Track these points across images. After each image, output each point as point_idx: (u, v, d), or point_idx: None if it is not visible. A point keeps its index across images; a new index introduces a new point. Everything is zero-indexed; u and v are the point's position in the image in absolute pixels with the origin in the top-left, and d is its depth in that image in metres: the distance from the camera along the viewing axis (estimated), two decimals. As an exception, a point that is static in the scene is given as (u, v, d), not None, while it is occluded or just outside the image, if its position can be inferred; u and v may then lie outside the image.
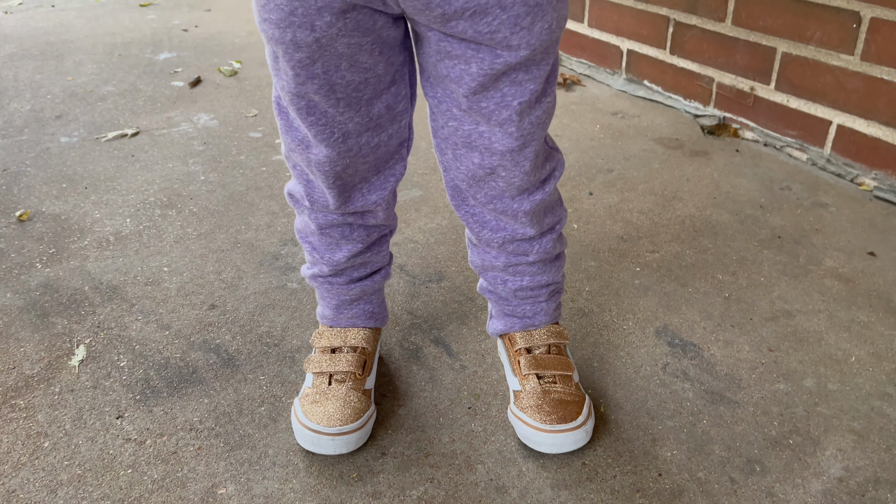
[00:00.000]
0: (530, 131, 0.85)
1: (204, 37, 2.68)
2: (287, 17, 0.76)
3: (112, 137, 1.87)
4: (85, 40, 2.63)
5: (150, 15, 2.95)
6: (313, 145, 0.87)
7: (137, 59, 2.44)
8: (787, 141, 1.74)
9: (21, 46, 2.56)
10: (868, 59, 1.53)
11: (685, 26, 1.90)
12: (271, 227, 1.49)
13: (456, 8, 0.76)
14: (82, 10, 3.03)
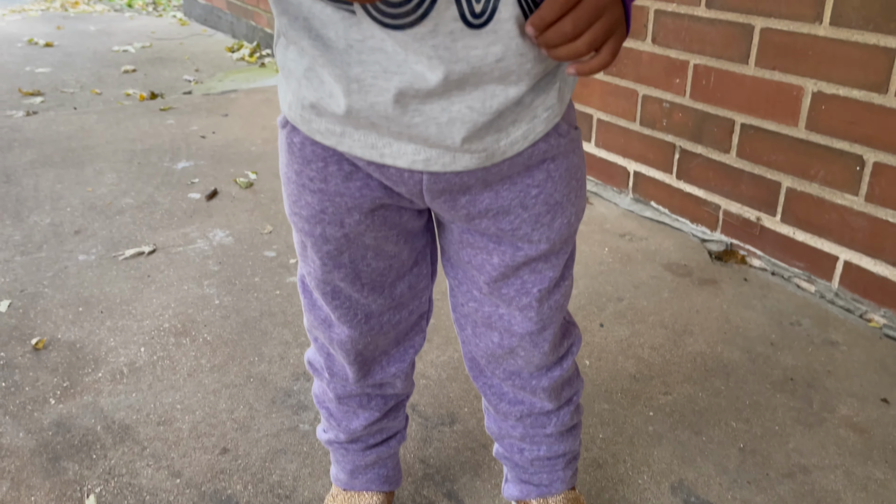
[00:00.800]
0: (549, 315, 0.87)
1: (221, 144, 2.75)
2: (317, 214, 0.79)
3: (129, 256, 1.91)
4: (106, 146, 2.71)
5: (169, 119, 3.04)
6: (336, 325, 0.89)
7: (156, 167, 2.51)
8: (794, 272, 1.77)
9: (42, 152, 2.63)
10: (872, 200, 1.56)
11: (691, 154, 1.95)
12: (284, 360, 1.50)
13: (480, 209, 0.79)
14: (104, 114, 3.12)
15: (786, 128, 1.70)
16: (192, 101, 3.33)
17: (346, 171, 0.76)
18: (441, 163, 0.72)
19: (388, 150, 0.72)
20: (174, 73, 4.07)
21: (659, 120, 2.02)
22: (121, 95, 3.56)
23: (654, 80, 1.99)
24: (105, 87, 3.74)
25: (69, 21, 5.93)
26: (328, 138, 0.74)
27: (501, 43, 0.68)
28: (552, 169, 0.80)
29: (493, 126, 0.72)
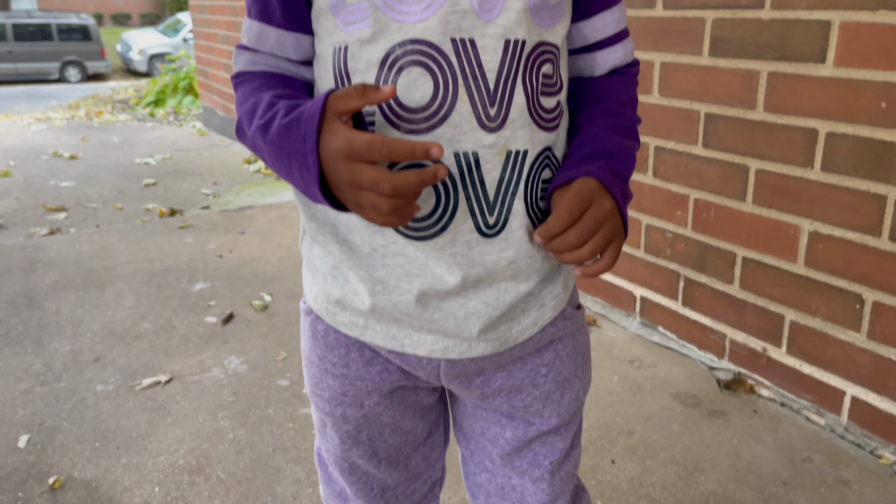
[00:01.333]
0: (561, 485, 0.90)
1: (237, 263, 2.84)
2: (338, 396, 0.84)
3: (146, 385, 1.94)
4: (126, 267, 2.79)
5: (187, 238, 3.14)
6: (352, 499, 0.92)
7: (174, 289, 2.58)
8: (803, 404, 1.78)
9: (65, 274, 2.72)
10: (875, 337, 1.60)
11: (695, 283, 2.01)
12: (297, 500, 1.50)
13: (493, 388, 0.83)
14: (125, 232, 3.23)
15: (786, 263, 1.75)
16: (210, 218, 3.45)
17: (367, 356, 0.82)
18: (458, 351, 0.78)
19: (409, 341, 0.78)
20: (193, 185, 4.23)
21: (663, 249, 2.08)
22: (141, 211, 3.69)
23: (657, 211, 2.07)
24: (126, 201, 3.88)
25: (93, 131, 6.19)
26: (352, 330, 0.80)
27: (513, 248, 0.75)
28: (560, 349, 0.85)
29: (506, 316, 0.78)
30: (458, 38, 0.70)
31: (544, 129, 0.76)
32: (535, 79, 0.74)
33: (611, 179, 0.75)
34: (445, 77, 0.70)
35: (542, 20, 0.74)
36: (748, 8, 1.71)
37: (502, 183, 0.73)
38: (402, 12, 0.70)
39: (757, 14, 1.69)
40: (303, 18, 0.77)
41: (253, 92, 0.77)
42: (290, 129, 0.68)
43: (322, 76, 0.77)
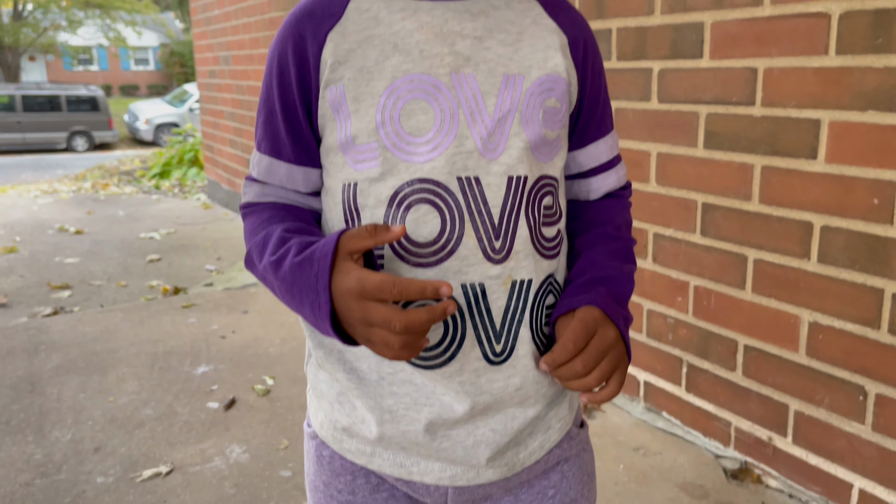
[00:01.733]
0: None
1: (240, 345, 2.84)
2: None
3: (147, 477, 1.92)
4: (129, 349, 2.80)
5: (191, 318, 3.16)
6: None
7: (177, 373, 2.58)
8: (812, 496, 1.76)
9: (68, 357, 2.72)
10: (879, 430, 1.59)
11: (698, 369, 2.01)
12: None
13: None
14: (129, 312, 3.24)
15: (787, 353, 1.76)
16: (213, 297, 3.47)
17: (374, 483, 0.82)
18: (466, 478, 0.78)
19: (417, 469, 0.78)
20: (197, 261, 4.26)
21: (665, 334, 2.09)
22: (145, 288, 3.71)
23: (658, 297, 2.09)
24: (131, 278, 3.90)
25: (99, 205, 6.27)
26: (359, 458, 0.80)
27: (520, 375, 0.76)
28: (566, 469, 0.86)
29: (514, 441, 0.79)
30: (464, 177, 0.73)
31: (546, 257, 0.79)
32: (536, 211, 0.77)
33: (613, 307, 0.77)
34: (452, 213, 0.73)
35: (542, 155, 0.78)
36: (740, 104, 1.77)
37: (508, 311, 0.75)
38: (410, 153, 0.73)
39: (748, 111, 1.75)
40: (312, 153, 0.80)
41: (263, 224, 0.79)
42: (302, 267, 0.70)
43: (331, 208, 0.80)
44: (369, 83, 0.73)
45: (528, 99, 0.75)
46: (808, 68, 1.61)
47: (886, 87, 1.48)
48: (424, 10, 0.74)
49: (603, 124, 0.86)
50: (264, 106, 0.80)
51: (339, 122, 0.75)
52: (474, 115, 0.73)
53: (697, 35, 1.85)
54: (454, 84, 0.73)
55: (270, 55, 0.78)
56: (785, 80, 1.66)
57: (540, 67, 0.76)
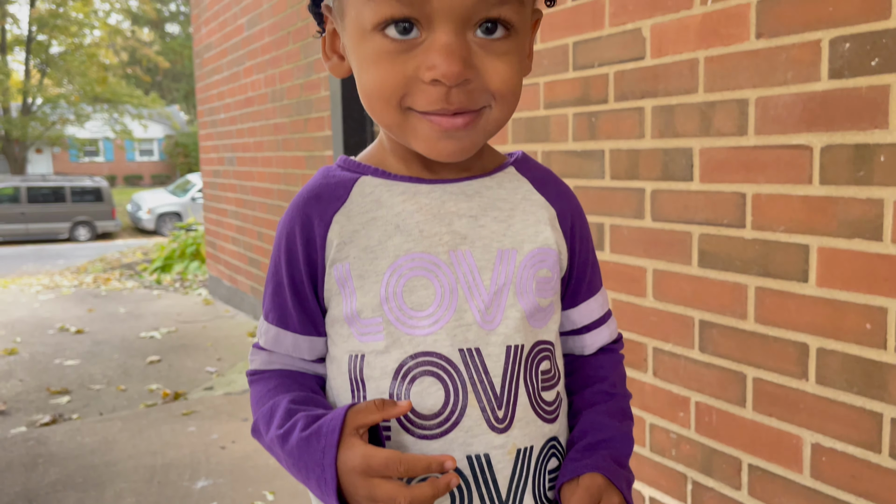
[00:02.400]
0: None
1: (240, 456, 2.81)
2: None
3: None
4: (127, 462, 2.76)
5: (190, 426, 3.13)
6: None
7: (175, 487, 2.54)
8: None
9: (65, 471, 2.69)
10: (889, 557, 1.57)
11: (703, 487, 1.99)
12: None
13: None
14: (128, 420, 3.22)
15: (792, 473, 1.76)
16: (214, 402, 3.45)
17: None
18: None
19: None
20: (197, 362, 4.26)
21: (668, 449, 2.09)
22: (145, 393, 3.70)
23: (660, 411, 2.10)
24: (130, 381, 3.89)
25: (100, 301, 6.30)
26: None
27: None
28: None
29: None
30: (466, 349, 0.77)
31: (547, 421, 0.81)
32: (535, 377, 0.81)
33: (616, 472, 0.80)
34: (455, 385, 0.76)
35: (537, 322, 0.82)
36: (731, 226, 1.83)
37: (513, 481, 0.78)
38: (413, 326, 0.77)
39: (739, 233, 1.81)
40: (317, 324, 0.84)
41: (269, 393, 0.82)
42: (309, 442, 0.73)
43: (336, 377, 0.83)
44: (373, 262, 0.78)
45: (521, 271, 0.80)
46: (794, 196, 1.68)
47: (870, 216, 1.53)
48: (423, 193, 0.80)
49: (593, 284, 0.91)
50: (272, 279, 0.84)
51: (344, 297, 0.79)
52: (472, 290, 0.77)
53: (687, 159, 1.93)
54: (452, 261, 0.78)
55: (279, 232, 0.83)
56: (773, 205, 1.73)
57: (531, 241, 0.81)
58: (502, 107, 0.75)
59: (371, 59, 0.72)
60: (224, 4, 5.35)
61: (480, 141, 0.76)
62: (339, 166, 0.84)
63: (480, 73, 0.72)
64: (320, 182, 0.82)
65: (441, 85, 0.70)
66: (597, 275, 0.92)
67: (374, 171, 0.82)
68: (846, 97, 1.55)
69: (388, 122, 0.75)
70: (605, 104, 2.16)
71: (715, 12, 1.80)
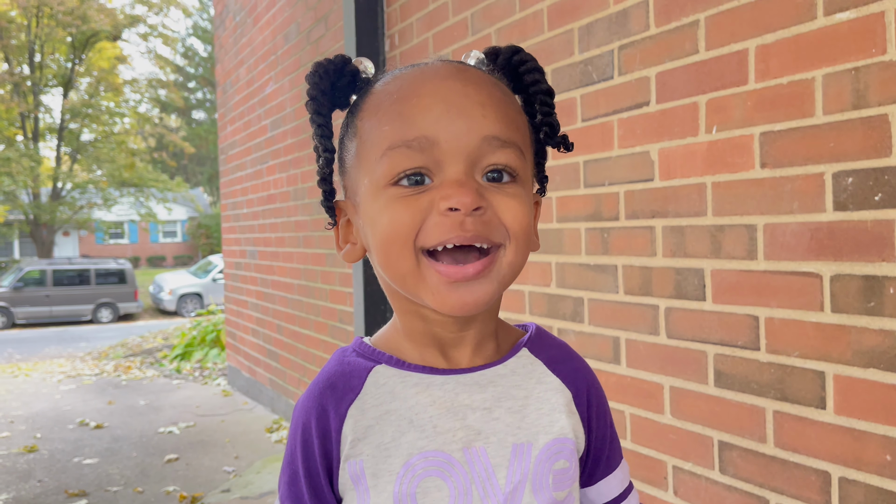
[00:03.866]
0: None
1: (256, 568, 2.77)
2: None
3: None
4: (142, 575, 2.73)
5: (206, 534, 3.10)
6: None
7: None
8: None
9: (81, 586, 2.66)
10: None
11: None
12: None
13: None
14: (144, 528, 3.19)
15: None
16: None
17: None
18: None
19: None
20: (215, 461, 4.24)
21: (692, 572, 2.03)
22: (162, 495, 3.67)
23: (682, 532, 2.05)
24: (148, 483, 3.87)
25: (121, 392, 6.33)
26: None
27: None
28: None
29: None
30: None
31: None
32: None
33: None
34: None
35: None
36: (745, 348, 1.84)
37: None
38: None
39: (754, 355, 1.82)
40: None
41: None
42: None
43: None
44: (387, 460, 0.78)
45: (537, 466, 0.80)
46: (807, 322, 1.69)
47: (884, 347, 1.54)
48: (437, 385, 0.81)
49: (611, 460, 0.91)
50: (288, 468, 0.84)
51: (358, 495, 0.80)
52: (487, 491, 0.78)
53: (699, 279, 1.96)
54: (467, 459, 0.78)
55: (295, 420, 0.84)
56: (786, 330, 1.74)
57: (547, 432, 0.82)
58: (516, 248, 0.76)
59: (385, 205, 0.74)
60: (249, 106, 5.57)
61: (494, 292, 0.76)
62: (355, 351, 0.86)
63: (493, 207, 0.74)
64: (336, 370, 0.84)
65: (456, 214, 0.72)
66: (616, 450, 0.91)
67: (389, 360, 0.83)
68: (852, 229, 1.59)
69: (403, 271, 0.75)
70: (616, 221, 2.21)
71: (720, 141, 1.87)
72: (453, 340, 0.82)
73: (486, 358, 0.84)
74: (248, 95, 5.57)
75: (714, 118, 1.88)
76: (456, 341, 0.82)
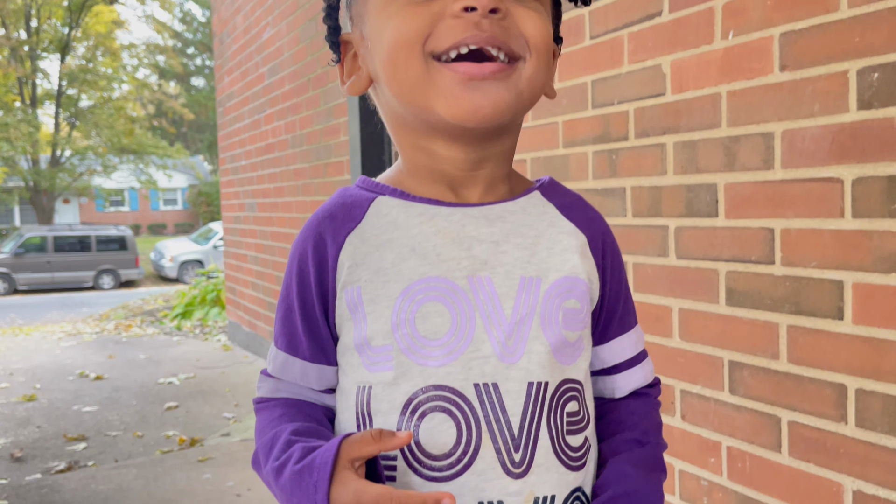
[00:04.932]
0: None
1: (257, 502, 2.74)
2: None
3: None
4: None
5: (206, 473, 3.07)
6: None
7: (188, 537, 2.47)
8: None
9: (78, 519, 2.63)
10: None
11: (738, 537, 1.89)
12: None
13: None
14: (143, 468, 3.17)
15: (833, 523, 1.66)
16: (230, 449, 3.39)
17: None
18: None
19: None
20: (214, 408, 4.21)
21: (699, 497, 1.99)
22: (161, 439, 3.65)
23: (690, 457, 2.01)
24: (147, 428, 3.85)
25: (121, 347, 6.31)
26: None
27: None
28: None
29: None
30: (482, 384, 0.71)
31: (572, 468, 0.75)
32: (559, 418, 0.74)
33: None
34: (469, 423, 0.71)
35: (564, 358, 0.76)
36: (759, 263, 1.77)
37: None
38: (425, 356, 0.71)
39: (769, 269, 1.75)
40: (328, 351, 0.79)
41: (273, 423, 0.77)
42: (301, 476, 0.68)
43: (344, 410, 0.78)
44: (385, 285, 0.72)
45: (546, 301, 0.74)
46: (825, 230, 1.62)
47: (907, 250, 1.47)
48: (442, 216, 0.75)
49: (625, 319, 0.85)
50: (283, 303, 0.79)
51: (355, 323, 0.74)
52: (491, 319, 0.72)
53: (711, 195, 1.88)
54: (471, 287, 0.72)
55: (292, 254, 0.79)
56: (803, 240, 1.67)
57: (558, 269, 0.76)
58: (536, 62, 0.70)
59: (393, 13, 0.69)
60: (246, 54, 5.46)
61: (512, 101, 0.69)
62: (358, 186, 0.80)
63: (513, 16, 0.68)
64: (336, 202, 0.78)
65: (472, 14, 0.66)
66: (630, 310, 0.86)
67: (393, 192, 0.77)
68: (877, 128, 1.51)
69: (411, 79, 0.69)
70: (625, 141, 2.13)
71: (737, 46, 1.78)
72: (463, 180, 0.77)
73: (498, 198, 0.78)
74: (246, 44, 5.46)
75: (730, 22, 1.79)
76: (466, 181, 0.77)
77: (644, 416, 0.83)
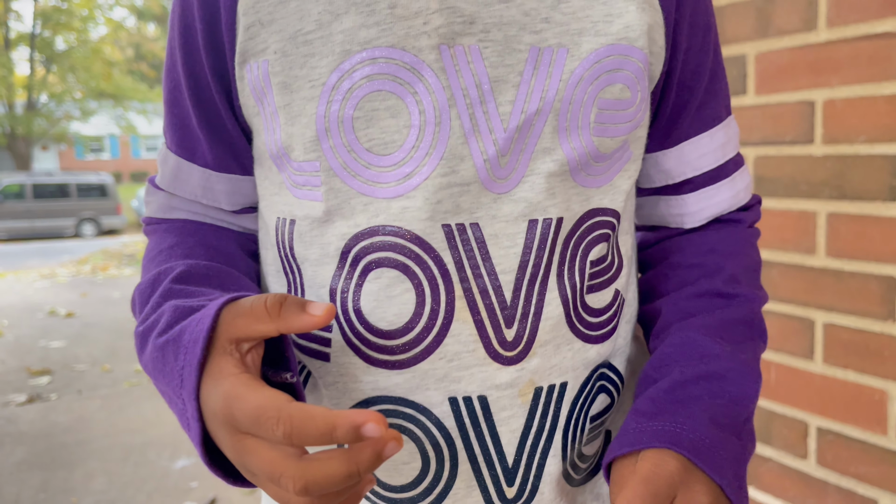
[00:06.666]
0: None
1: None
2: None
3: None
4: (102, 440, 2.50)
5: (175, 404, 2.87)
6: None
7: (153, 467, 2.27)
8: None
9: (33, 450, 2.42)
10: None
11: (760, 457, 1.70)
12: None
13: None
14: (108, 399, 2.96)
15: (873, 436, 1.46)
16: (203, 380, 3.19)
17: None
18: None
19: None
20: (190, 343, 4.00)
21: (715, 415, 1.79)
22: (131, 373, 3.44)
23: (705, 371, 1.80)
24: (117, 362, 3.63)
25: (96, 287, 6.06)
26: None
27: None
28: None
29: None
30: (455, 224, 0.45)
31: (593, 340, 0.49)
32: (578, 273, 0.48)
33: (708, 450, 0.43)
34: (435, 284, 0.45)
35: (592, 178, 0.49)
36: (796, 143, 1.53)
37: (527, 438, 0.47)
38: (371, 181, 0.45)
39: (807, 150, 1.51)
40: (239, 154, 0.52)
41: (159, 257, 0.52)
42: (165, 354, 0.42)
43: (267, 249, 0.53)
44: (306, 61, 0.45)
45: (573, 90, 0.46)
46: (878, 97, 1.38)
47: (982, 110, 1.24)
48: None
49: (709, 108, 0.56)
50: (168, 80, 0.53)
51: (265, 120, 0.48)
52: (477, 121, 0.45)
53: (739, 69, 1.63)
54: (446, 66, 0.44)
55: (172, 8, 0.51)
56: (850, 111, 1.43)
57: (598, 32, 0.47)
58: None
59: None
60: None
61: None
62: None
63: None
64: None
65: None
66: (719, 94, 0.57)
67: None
68: (950, -37, 1.26)
69: None
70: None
71: None
72: None
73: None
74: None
75: None
76: None
77: (731, 254, 0.56)
